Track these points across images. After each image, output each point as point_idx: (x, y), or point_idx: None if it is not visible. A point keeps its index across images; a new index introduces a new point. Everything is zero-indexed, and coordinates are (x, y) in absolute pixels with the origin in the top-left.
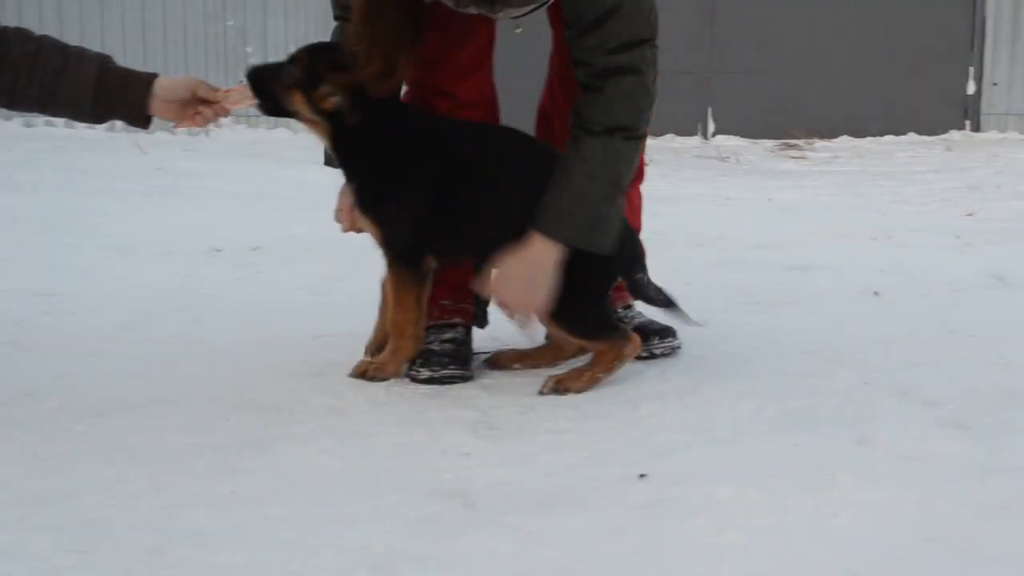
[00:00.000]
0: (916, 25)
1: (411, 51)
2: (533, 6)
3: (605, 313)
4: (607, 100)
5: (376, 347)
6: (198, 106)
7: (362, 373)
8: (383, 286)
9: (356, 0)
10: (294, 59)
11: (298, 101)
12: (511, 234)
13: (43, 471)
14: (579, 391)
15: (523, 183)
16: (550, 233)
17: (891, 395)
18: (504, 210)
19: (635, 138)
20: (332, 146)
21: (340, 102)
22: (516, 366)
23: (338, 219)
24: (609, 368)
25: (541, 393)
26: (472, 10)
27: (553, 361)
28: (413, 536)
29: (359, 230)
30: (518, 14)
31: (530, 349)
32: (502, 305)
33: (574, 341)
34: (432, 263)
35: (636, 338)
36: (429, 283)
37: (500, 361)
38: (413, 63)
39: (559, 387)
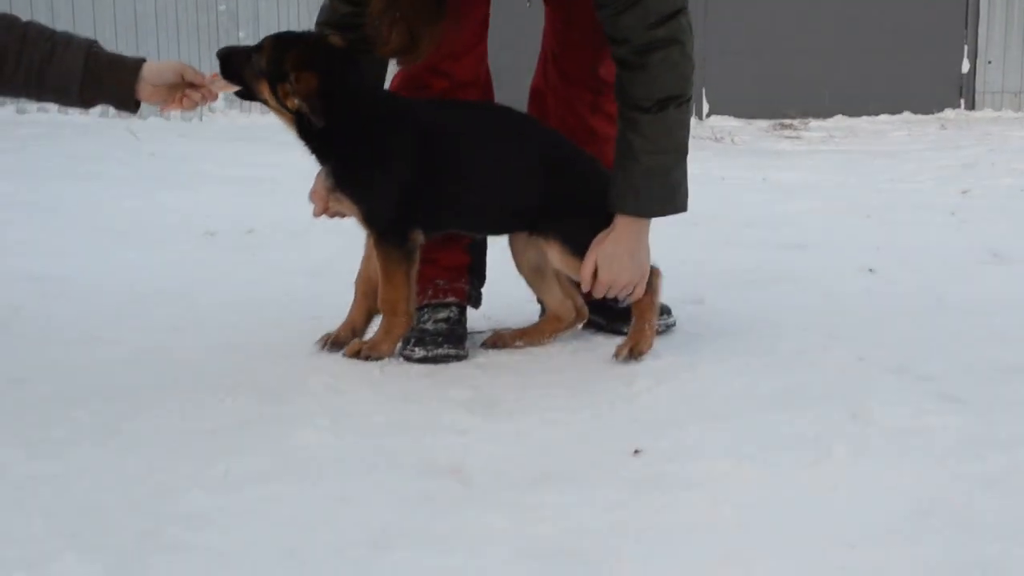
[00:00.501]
0: (910, 4)
1: (434, 28)
2: None
3: None
4: (653, 75)
5: (334, 341)
6: (185, 90)
7: (356, 353)
8: (357, 282)
9: None
10: (260, 48)
11: (264, 91)
12: (494, 201)
13: (36, 456)
14: (650, 348)
15: (502, 150)
16: (636, 213)
17: (886, 371)
18: (485, 177)
19: (685, 102)
20: (298, 135)
21: (302, 105)
22: (518, 343)
23: (311, 200)
24: (654, 309)
25: (619, 362)
26: None
27: (553, 333)
28: (410, 513)
29: (333, 214)
30: None
31: (528, 326)
32: (605, 287)
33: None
34: (419, 237)
35: (655, 268)
36: (417, 259)
37: (501, 340)
38: (435, 40)
39: (633, 354)
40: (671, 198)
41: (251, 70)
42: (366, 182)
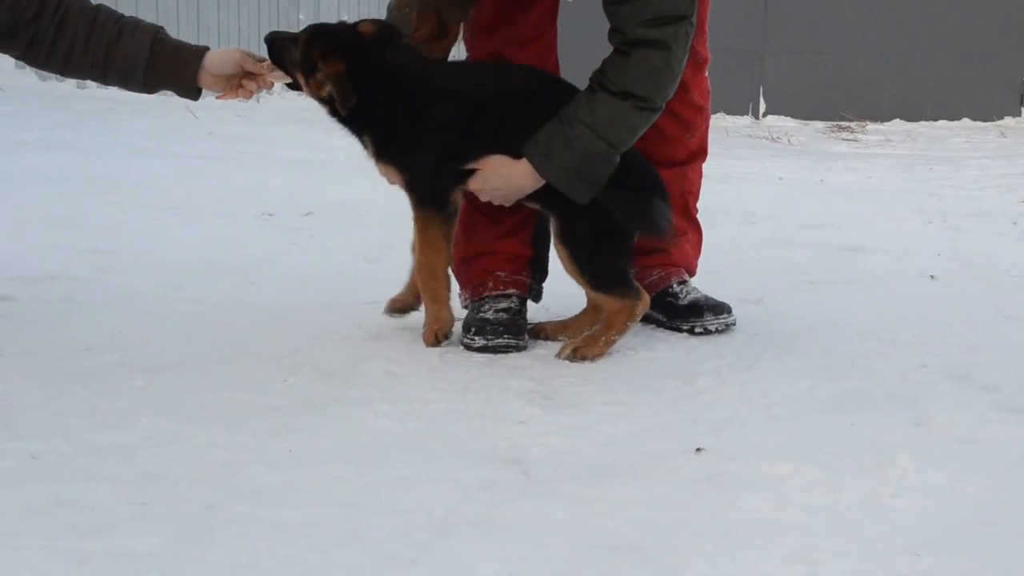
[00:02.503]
0: (973, 9)
1: (464, 14)
2: None
3: (623, 269)
4: (630, 67)
5: (399, 307)
6: (242, 80)
7: (435, 338)
8: (413, 247)
9: None
10: (295, 38)
11: (302, 80)
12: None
13: (102, 424)
14: (595, 357)
15: (538, 113)
16: (535, 162)
17: (948, 378)
18: (522, 142)
19: (648, 109)
20: (335, 119)
21: (330, 92)
22: (560, 337)
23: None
24: (622, 329)
25: (557, 357)
26: None
27: (593, 324)
28: (470, 500)
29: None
30: None
31: (569, 319)
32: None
33: (590, 295)
34: (459, 198)
35: (646, 296)
36: (456, 223)
37: (543, 332)
38: (466, 27)
39: (575, 355)
40: (573, 177)
41: (290, 60)
42: (404, 149)
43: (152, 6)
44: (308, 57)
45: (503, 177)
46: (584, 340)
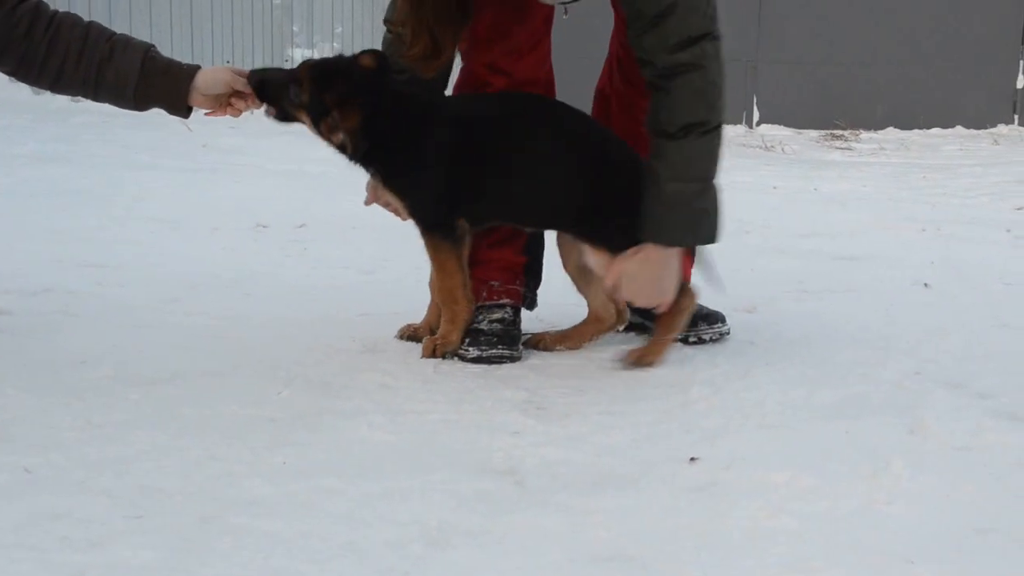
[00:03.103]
0: (966, 18)
1: (457, 31)
2: None
3: None
4: (676, 100)
5: (411, 336)
6: (231, 98)
7: (432, 352)
8: (431, 285)
9: None
10: (298, 79)
11: (304, 119)
12: (538, 192)
13: (98, 437)
14: (658, 363)
15: (546, 142)
16: (658, 241)
17: (943, 386)
18: (529, 169)
19: (711, 131)
20: (340, 152)
21: (344, 139)
22: (559, 347)
23: (367, 189)
24: (674, 327)
25: (619, 366)
26: None
27: (594, 336)
28: (465, 512)
29: (385, 203)
30: (569, 0)
31: (569, 329)
32: (624, 302)
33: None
34: (466, 225)
35: (692, 291)
36: (467, 244)
37: (542, 343)
38: (460, 43)
39: (640, 363)
40: (694, 228)
41: (290, 101)
42: (407, 180)
43: (146, 17)
44: (319, 103)
45: (645, 266)
46: (647, 348)
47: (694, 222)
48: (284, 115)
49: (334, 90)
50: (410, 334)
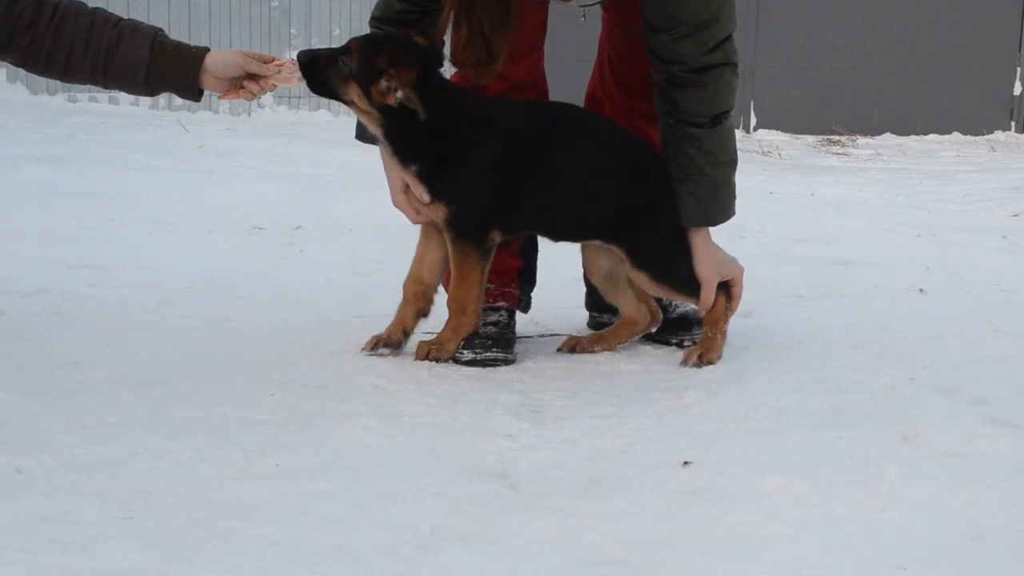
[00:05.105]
0: (963, 24)
1: (507, 37)
2: None
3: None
4: (711, 94)
5: (385, 342)
6: (244, 81)
7: (426, 355)
8: (406, 283)
9: None
10: (348, 50)
11: (354, 93)
12: (579, 207)
13: (90, 439)
14: (718, 359)
15: (590, 157)
16: (706, 223)
17: (938, 392)
18: (572, 183)
19: (729, 115)
20: (383, 135)
21: (406, 98)
22: (597, 348)
23: (398, 206)
24: (727, 318)
25: (683, 366)
26: None
27: (629, 337)
28: (457, 515)
29: (420, 220)
30: (590, 3)
31: (605, 331)
32: (739, 298)
33: (687, 303)
34: (497, 237)
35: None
36: (491, 259)
37: (580, 345)
38: (507, 50)
39: (701, 361)
40: (731, 205)
41: (338, 73)
42: (456, 183)
43: (143, 19)
44: (370, 67)
45: (715, 255)
46: (706, 345)
47: (732, 198)
48: (328, 91)
49: (387, 52)
50: (385, 342)
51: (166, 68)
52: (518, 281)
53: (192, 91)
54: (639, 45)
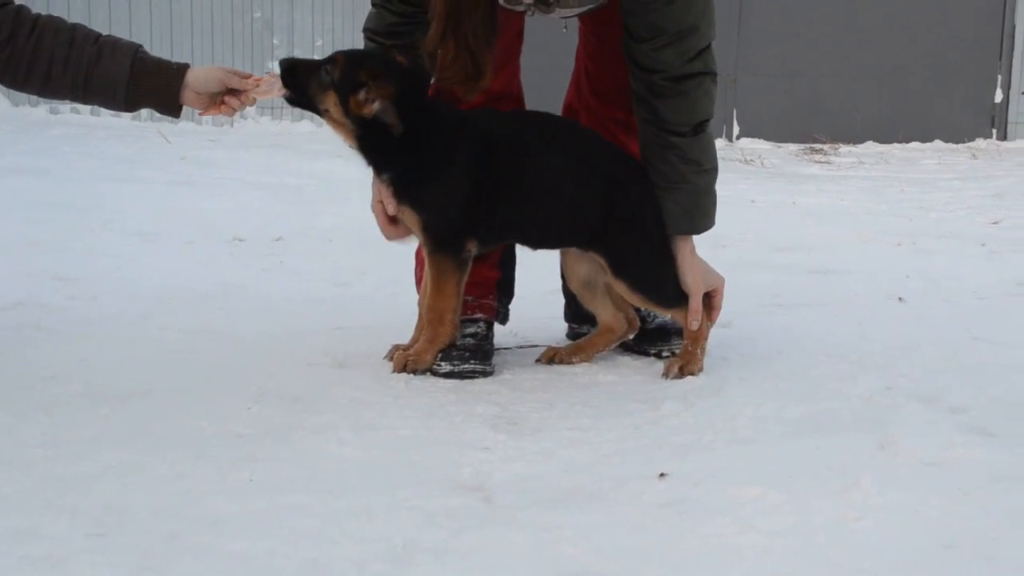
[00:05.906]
0: (944, 32)
1: (491, 50)
2: (590, 6)
3: (676, 278)
4: (691, 102)
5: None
6: (225, 96)
7: (403, 367)
8: (420, 303)
9: (438, 0)
10: (333, 60)
11: (331, 102)
12: (554, 212)
13: (64, 455)
14: (699, 371)
15: (563, 161)
16: (691, 231)
17: (915, 400)
18: (549, 191)
19: (710, 122)
20: (357, 146)
21: (381, 109)
22: (575, 360)
23: (374, 211)
24: (707, 334)
25: (664, 378)
26: (521, 8)
27: (607, 345)
28: (431, 529)
29: (398, 234)
30: (571, 14)
31: (582, 341)
32: (719, 309)
33: (666, 316)
34: (474, 248)
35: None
36: (469, 269)
37: (558, 356)
38: (494, 64)
39: (683, 373)
40: (713, 213)
41: (318, 82)
42: (428, 192)
43: (125, 30)
44: (352, 77)
45: (698, 263)
46: (686, 357)
47: (713, 205)
48: (304, 99)
49: (369, 66)
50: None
51: (146, 85)
52: (496, 293)
53: (173, 107)
54: (614, 53)
